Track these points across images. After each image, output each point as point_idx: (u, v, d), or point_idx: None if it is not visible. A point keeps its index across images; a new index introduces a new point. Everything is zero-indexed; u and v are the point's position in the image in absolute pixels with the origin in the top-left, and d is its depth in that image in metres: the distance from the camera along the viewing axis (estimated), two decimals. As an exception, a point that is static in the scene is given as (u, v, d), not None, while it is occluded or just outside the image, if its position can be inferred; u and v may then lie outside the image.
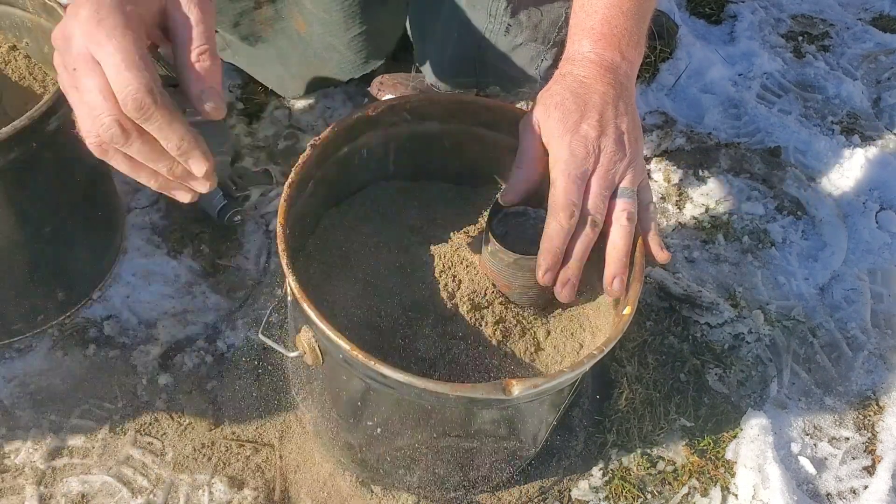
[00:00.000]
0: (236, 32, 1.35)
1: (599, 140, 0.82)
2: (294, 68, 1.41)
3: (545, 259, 0.82)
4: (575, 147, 0.81)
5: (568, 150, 0.81)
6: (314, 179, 0.93)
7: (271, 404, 1.14)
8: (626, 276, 0.83)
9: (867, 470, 1.17)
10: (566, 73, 0.86)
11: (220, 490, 1.05)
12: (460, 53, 1.25)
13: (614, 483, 1.12)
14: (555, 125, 0.82)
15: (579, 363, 0.79)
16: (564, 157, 0.81)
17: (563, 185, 0.81)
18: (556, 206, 0.81)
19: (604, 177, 0.82)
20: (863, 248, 1.42)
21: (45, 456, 1.06)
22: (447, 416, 0.84)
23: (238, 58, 1.44)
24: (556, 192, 0.81)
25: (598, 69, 0.85)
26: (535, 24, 1.18)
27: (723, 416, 1.19)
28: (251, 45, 1.37)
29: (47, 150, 0.99)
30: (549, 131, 0.83)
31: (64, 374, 1.14)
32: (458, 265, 0.90)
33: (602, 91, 0.84)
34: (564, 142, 0.81)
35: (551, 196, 0.82)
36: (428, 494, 1.06)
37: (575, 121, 0.82)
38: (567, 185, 0.80)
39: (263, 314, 0.91)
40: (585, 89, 0.84)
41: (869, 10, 1.95)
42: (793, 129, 1.60)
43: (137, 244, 1.28)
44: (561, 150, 0.81)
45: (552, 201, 0.81)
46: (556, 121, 0.82)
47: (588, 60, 0.86)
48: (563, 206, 0.80)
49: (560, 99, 0.83)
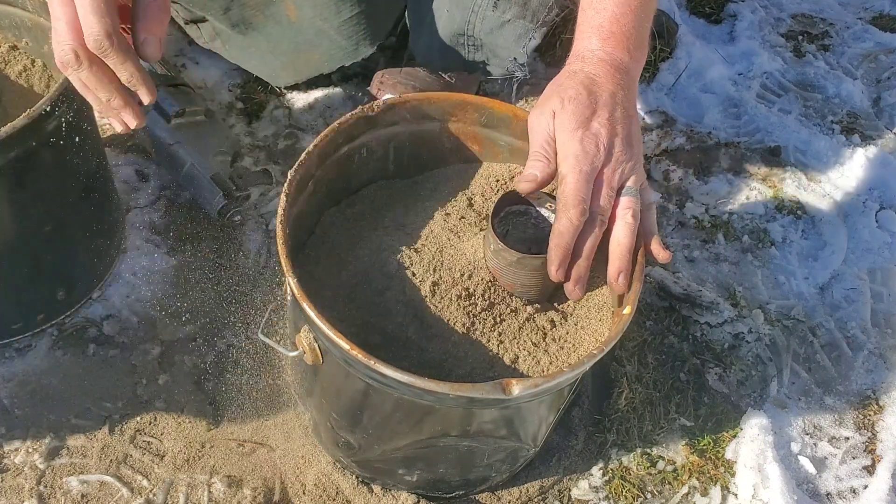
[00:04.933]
0: (227, 20, 1.35)
1: (610, 139, 0.83)
2: (284, 56, 1.41)
3: (557, 255, 0.83)
4: (587, 143, 0.82)
5: (580, 145, 0.82)
6: (314, 179, 0.93)
7: (271, 404, 1.14)
8: (630, 271, 0.85)
9: (867, 469, 1.17)
10: (577, 70, 0.87)
11: (219, 490, 1.05)
12: (451, 30, 1.26)
13: (614, 482, 1.12)
14: (568, 118, 0.83)
15: (579, 363, 0.79)
16: (575, 153, 0.82)
17: (574, 181, 0.82)
18: (567, 202, 0.82)
19: (612, 176, 0.83)
20: (863, 248, 1.42)
21: (44, 455, 1.06)
22: (447, 415, 0.84)
23: (228, 48, 1.44)
24: (567, 189, 0.82)
25: (608, 68, 0.87)
26: (525, 1, 1.20)
27: (723, 416, 1.19)
28: (242, 33, 1.37)
29: (47, 149, 0.99)
30: (562, 124, 0.84)
31: (63, 373, 1.14)
32: (458, 263, 0.90)
33: (612, 91, 0.85)
34: (576, 136, 0.82)
35: (561, 192, 0.83)
36: (428, 494, 1.06)
37: (587, 117, 0.83)
38: (578, 181, 0.82)
39: (263, 314, 0.91)
40: (597, 87, 0.85)
41: (869, 9, 1.94)
42: (793, 129, 1.60)
43: (137, 244, 1.28)
44: (572, 145, 0.82)
45: (563, 198, 0.82)
46: (570, 114, 0.83)
47: (598, 59, 0.87)
48: (574, 204, 0.81)
49: (574, 93, 0.84)
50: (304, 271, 0.92)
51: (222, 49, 1.45)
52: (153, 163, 1.38)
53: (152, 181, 1.36)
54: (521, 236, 0.92)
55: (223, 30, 1.39)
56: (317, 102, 1.53)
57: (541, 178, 0.85)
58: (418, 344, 0.87)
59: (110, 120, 0.91)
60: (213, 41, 1.44)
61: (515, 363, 0.87)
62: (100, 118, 1.17)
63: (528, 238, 0.92)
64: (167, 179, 1.36)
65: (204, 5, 1.34)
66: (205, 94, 1.50)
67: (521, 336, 0.88)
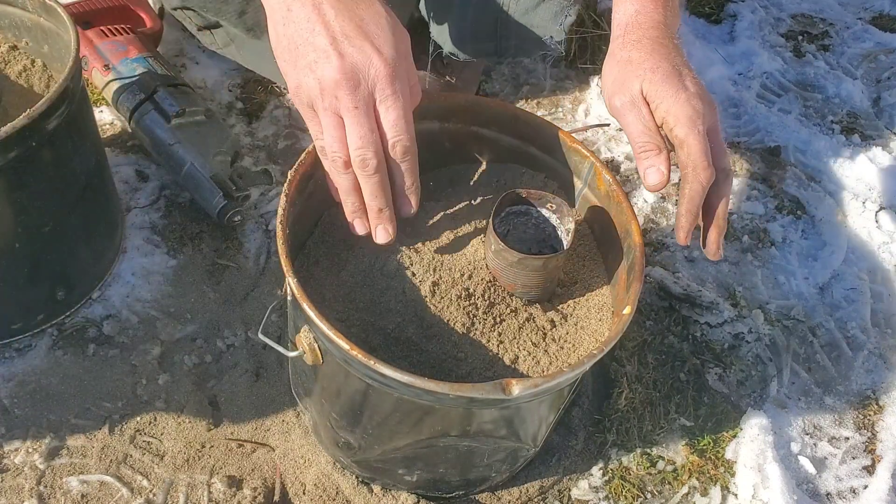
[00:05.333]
0: (241, 23, 1.34)
1: (705, 94, 0.83)
2: None
3: (688, 221, 0.82)
4: (695, 103, 0.81)
5: (689, 105, 0.81)
6: (314, 179, 0.93)
7: (271, 404, 1.14)
8: None
9: (867, 469, 1.17)
10: (639, 39, 0.86)
11: (219, 489, 1.05)
12: (481, 17, 1.24)
13: (614, 482, 1.12)
14: (661, 87, 0.82)
15: (579, 363, 0.79)
16: (688, 114, 0.81)
17: (696, 143, 0.80)
18: (696, 165, 0.80)
19: (718, 129, 0.83)
20: (863, 248, 1.42)
21: (44, 455, 1.06)
22: (447, 415, 0.84)
23: (243, 53, 1.43)
24: (693, 152, 0.80)
25: (663, 31, 0.86)
26: None
27: (722, 416, 1.19)
28: (257, 37, 1.37)
29: (47, 149, 0.99)
30: (658, 94, 0.82)
31: (63, 373, 1.14)
32: (458, 263, 0.90)
33: (677, 50, 0.85)
34: (681, 99, 0.81)
35: (686, 155, 0.81)
36: (428, 494, 1.06)
37: (679, 78, 0.82)
38: (701, 143, 0.80)
39: (263, 314, 0.91)
40: (667, 50, 0.84)
41: (869, 9, 1.95)
42: (793, 129, 1.60)
43: (137, 244, 1.28)
44: (683, 107, 0.81)
45: (690, 161, 0.80)
46: (661, 82, 0.82)
47: (653, 22, 0.86)
48: (705, 166, 0.80)
49: (653, 64, 0.83)
50: (305, 272, 0.93)
51: (237, 54, 1.44)
52: (153, 163, 1.38)
53: (152, 181, 1.36)
54: (522, 236, 0.92)
55: (238, 34, 1.38)
56: (317, 102, 1.52)
57: (666, 170, 0.83)
58: (418, 344, 0.87)
59: (367, 227, 0.86)
60: (228, 46, 1.43)
61: (515, 363, 0.87)
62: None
63: (529, 238, 0.92)
64: (167, 179, 1.36)
65: (218, 10, 1.34)
66: (205, 94, 1.50)
67: (521, 336, 0.88)
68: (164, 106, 1.29)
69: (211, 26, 1.41)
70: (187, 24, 1.43)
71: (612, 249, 0.95)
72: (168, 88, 1.32)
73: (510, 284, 0.88)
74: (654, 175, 0.84)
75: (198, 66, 1.54)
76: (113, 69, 1.34)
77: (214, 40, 1.44)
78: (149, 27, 1.47)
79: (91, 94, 1.41)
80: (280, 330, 1.20)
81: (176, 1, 1.37)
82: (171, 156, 1.29)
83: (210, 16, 1.36)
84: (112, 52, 1.36)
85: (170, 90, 1.31)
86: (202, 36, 1.45)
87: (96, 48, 1.36)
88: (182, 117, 1.29)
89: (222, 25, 1.39)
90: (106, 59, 1.35)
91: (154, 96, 1.30)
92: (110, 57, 1.35)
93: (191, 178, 1.28)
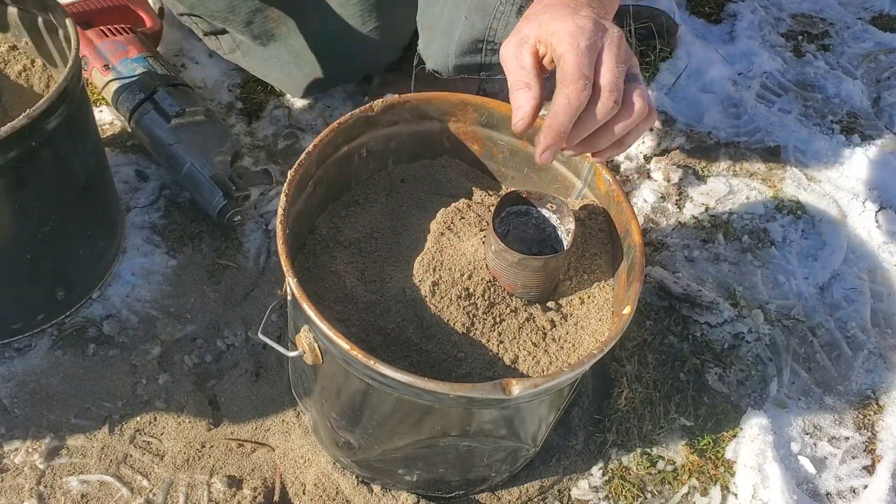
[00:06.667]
0: (248, 32, 1.34)
1: (603, 21, 0.76)
2: (307, 67, 1.40)
3: (547, 137, 0.74)
4: (582, 21, 0.74)
5: (573, 23, 0.74)
6: (314, 179, 0.93)
7: (271, 404, 1.14)
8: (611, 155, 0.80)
9: (867, 469, 1.17)
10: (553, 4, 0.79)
11: (219, 489, 1.05)
12: (470, 36, 1.24)
13: (614, 482, 1.12)
14: (550, 19, 0.75)
15: (579, 363, 0.79)
16: (570, 30, 0.73)
17: (573, 56, 0.72)
18: (565, 78, 0.72)
19: (617, 52, 0.74)
20: (862, 248, 1.42)
21: (44, 455, 1.06)
22: (447, 415, 0.84)
23: (248, 59, 1.43)
24: (566, 65, 0.72)
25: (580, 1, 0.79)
26: None
27: (722, 416, 1.19)
28: (263, 45, 1.37)
29: (47, 149, 0.99)
30: (547, 27, 0.75)
31: (63, 373, 1.14)
32: (458, 263, 0.90)
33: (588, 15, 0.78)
34: (567, 21, 0.74)
35: (560, 70, 0.73)
36: (428, 494, 1.06)
37: (572, 10, 0.76)
38: (577, 56, 0.72)
39: (263, 314, 0.91)
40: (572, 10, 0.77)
41: (869, 9, 1.94)
42: (792, 129, 1.60)
43: (137, 244, 1.28)
44: (565, 26, 0.74)
45: (561, 75, 0.73)
46: (552, 18, 0.75)
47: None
48: (574, 79, 0.72)
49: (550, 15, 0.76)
50: (304, 271, 0.93)
51: (242, 60, 1.44)
52: (153, 163, 1.38)
53: (152, 181, 1.36)
54: (522, 237, 0.92)
55: (244, 41, 1.38)
56: (316, 102, 1.53)
57: (528, 107, 0.76)
58: (418, 344, 0.87)
59: None
60: (233, 52, 1.43)
61: (515, 363, 0.87)
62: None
63: (529, 238, 0.92)
64: (167, 179, 1.36)
65: (226, 18, 1.34)
66: (205, 94, 1.50)
67: (520, 336, 0.88)
68: (163, 106, 1.29)
69: (217, 32, 1.41)
70: (194, 29, 1.43)
71: (612, 249, 0.95)
72: (168, 88, 1.32)
73: (510, 285, 0.88)
74: (516, 114, 0.77)
75: (198, 66, 1.54)
76: (113, 69, 1.34)
77: (220, 46, 1.44)
78: (149, 27, 1.47)
79: (91, 93, 1.41)
80: (280, 330, 1.20)
81: (183, 7, 1.37)
82: (170, 156, 1.29)
83: (217, 23, 1.37)
84: (112, 51, 1.36)
85: (170, 90, 1.31)
86: (208, 41, 1.45)
87: (96, 48, 1.36)
88: (182, 117, 1.29)
89: (228, 32, 1.39)
90: (106, 59, 1.35)
91: (154, 96, 1.30)
92: (110, 57, 1.35)
93: (191, 177, 1.28)
